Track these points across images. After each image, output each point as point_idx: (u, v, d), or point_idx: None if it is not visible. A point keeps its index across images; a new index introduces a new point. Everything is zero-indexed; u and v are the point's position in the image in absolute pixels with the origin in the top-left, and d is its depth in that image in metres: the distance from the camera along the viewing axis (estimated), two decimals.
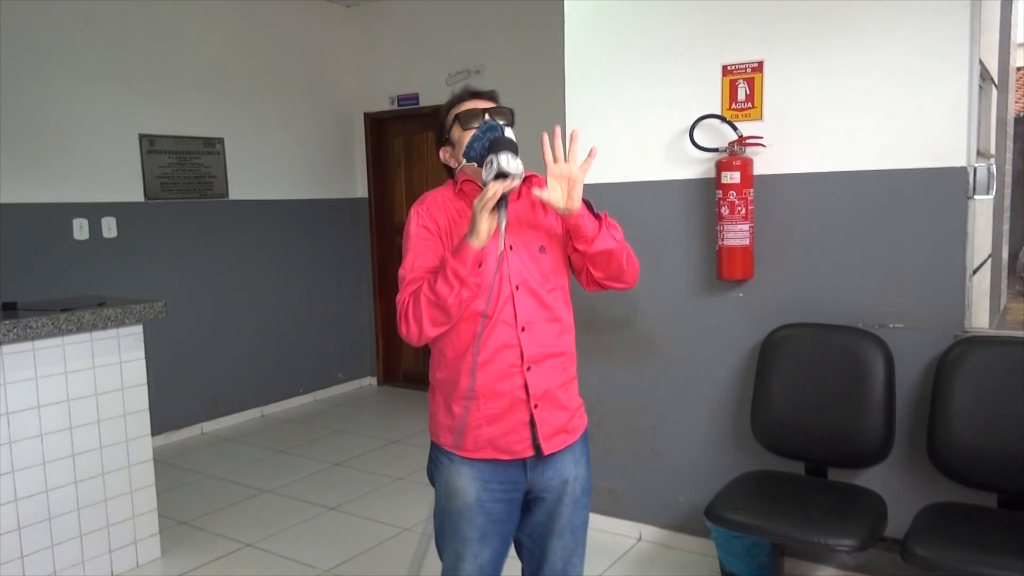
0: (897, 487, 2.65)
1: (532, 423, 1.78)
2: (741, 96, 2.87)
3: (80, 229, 4.45)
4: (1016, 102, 9.56)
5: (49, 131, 4.30)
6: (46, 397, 2.85)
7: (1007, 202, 6.66)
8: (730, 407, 3.02)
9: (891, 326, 2.66)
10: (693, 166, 2.98)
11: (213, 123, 5.10)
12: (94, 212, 4.51)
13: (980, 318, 4.60)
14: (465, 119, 1.82)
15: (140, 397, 3.16)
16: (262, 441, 4.89)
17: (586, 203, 1.73)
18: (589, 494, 1.95)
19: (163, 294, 4.40)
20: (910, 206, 2.61)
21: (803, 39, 2.72)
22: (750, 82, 2.84)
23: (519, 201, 1.81)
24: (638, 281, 1.91)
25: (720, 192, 2.80)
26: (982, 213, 4.65)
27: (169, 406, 4.79)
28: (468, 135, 1.80)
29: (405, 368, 6.27)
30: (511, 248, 1.77)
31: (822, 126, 2.73)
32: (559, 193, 1.67)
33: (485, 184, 1.64)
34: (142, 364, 3.16)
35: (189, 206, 4.99)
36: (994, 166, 2.66)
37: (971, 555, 2.14)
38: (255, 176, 5.37)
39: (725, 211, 2.79)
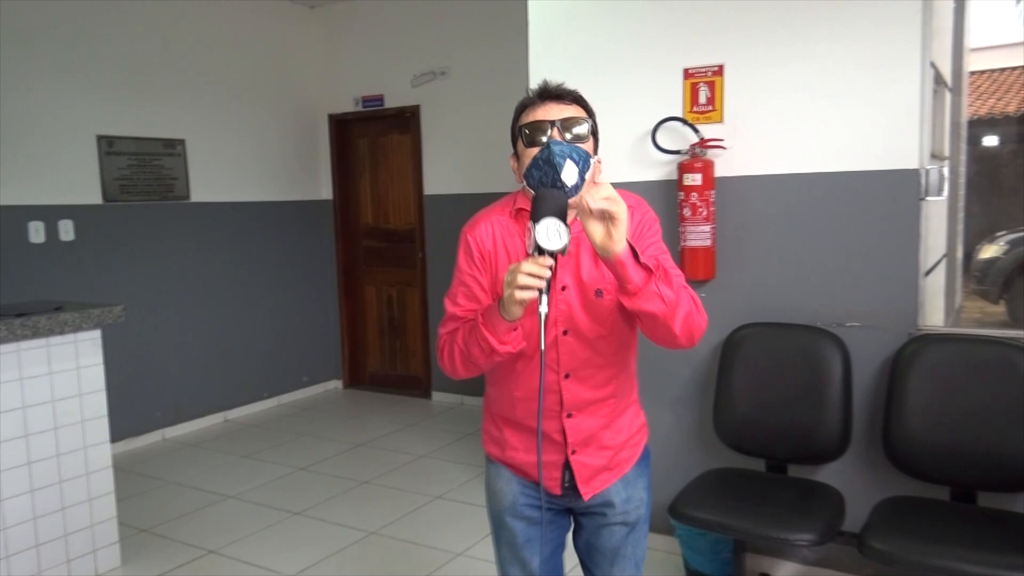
0: (855, 482, 2.70)
1: (567, 466, 1.69)
2: (702, 99, 2.91)
3: (36, 232, 4.35)
4: (970, 106, 9.81)
5: (3, 131, 4.19)
6: (1, 404, 2.79)
7: (961, 203, 6.83)
8: (693, 406, 3.05)
9: (848, 325, 2.72)
10: (656, 168, 3.01)
11: (174, 124, 5.02)
12: (50, 215, 4.41)
13: (935, 316, 4.71)
14: (528, 136, 1.56)
15: (99, 403, 3.10)
16: (225, 446, 4.83)
17: (633, 251, 1.43)
18: (648, 521, 1.83)
19: (123, 298, 4.33)
20: (865, 207, 2.67)
21: (762, 44, 2.77)
22: (711, 85, 2.88)
23: (582, 231, 1.48)
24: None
25: (682, 194, 2.83)
26: (935, 214, 4.77)
27: (130, 412, 4.70)
28: (532, 152, 1.52)
29: (371, 371, 6.24)
30: (564, 289, 1.58)
31: (781, 129, 2.78)
32: (598, 229, 1.37)
33: (528, 251, 1.38)
34: (100, 369, 3.10)
35: (149, 208, 4.91)
36: (946, 168, 2.73)
37: (925, 547, 2.19)
38: (217, 178, 5.30)
39: (687, 212, 2.83)
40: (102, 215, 4.66)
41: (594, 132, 1.62)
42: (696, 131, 2.87)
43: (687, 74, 2.92)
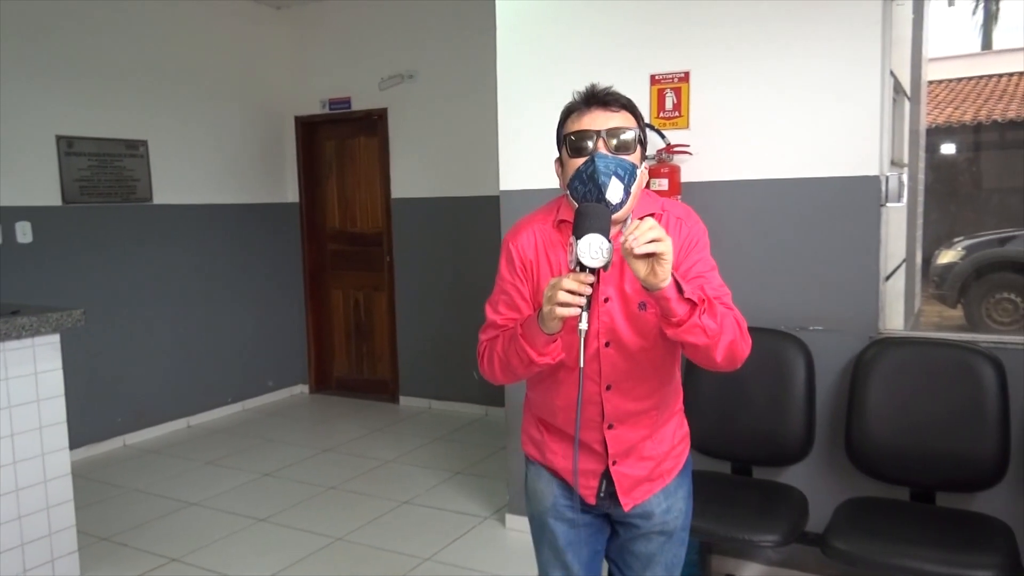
0: (818, 483, 2.75)
1: (606, 475, 1.68)
2: (668, 105, 2.94)
3: None
4: (928, 114, 10.04)
5: None
6: None
7: (920, 209, 6.99)
8: None
9: (811, 328, 2.77)
10: None
11: (136, 125, 4.94)
12: (7, 216, 4.31)
13: (895, 320, 4.82)
14: (573, 144, 1.53)
15: (57, 409, 3.03)
16: (188, 452, 4.75)
17: (677, 284, 1.39)
18: (688, 529, 1.79)
19: (83, 302, 4.23)
20: (828, 213, 2.72)
21: (727, 51, 2.81)
22: (677, 91, 2.91)
23: None
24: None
25: None
26: (895, 220, 4.87)
27: (90, 418, 4.61)
28: (576, 163, 1.50)
29: (338, 376, 6.19)
30: (606, 300, 1.56)
31: (745, 135, 2.82)
32: (642, 267, 1.35)
33: (569, 266, 1.37)
34: (59, 375, 3.03)
35: (110, 210, 4.82)
36: (905, 175, 2.79)
37: (886, 547, 2.23)
38: (181, 180, 5.22)
39: None
40: (61, 217, 4.56)
41: (642, 141, 1.57)
42: (663, 137, 2.90)
43: (654, 80, 2.95)
